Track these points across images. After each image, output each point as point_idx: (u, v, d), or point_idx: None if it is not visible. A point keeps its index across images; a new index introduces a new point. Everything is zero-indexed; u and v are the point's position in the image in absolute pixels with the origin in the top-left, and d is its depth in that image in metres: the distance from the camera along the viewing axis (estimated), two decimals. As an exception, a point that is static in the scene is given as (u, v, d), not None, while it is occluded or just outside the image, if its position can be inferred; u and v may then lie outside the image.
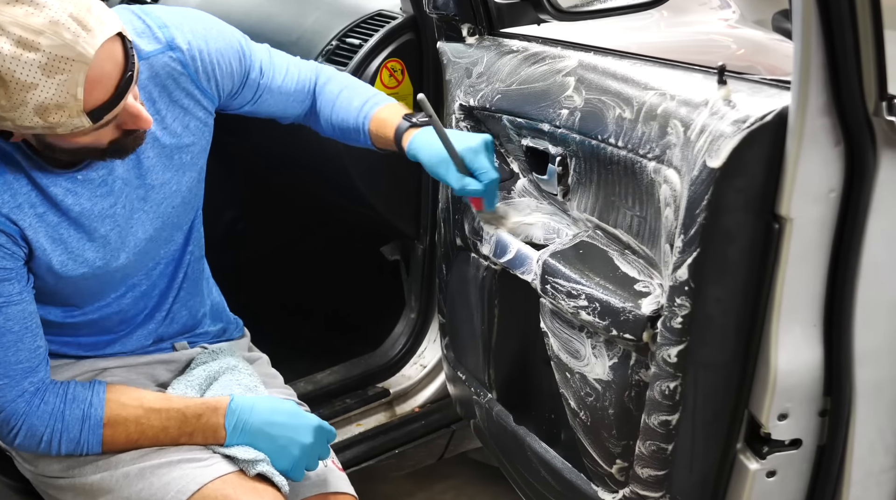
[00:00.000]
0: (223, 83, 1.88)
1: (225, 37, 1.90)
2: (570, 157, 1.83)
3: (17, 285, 1.67)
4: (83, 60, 1.46)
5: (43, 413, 1.72)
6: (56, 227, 1.70)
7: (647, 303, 1.61)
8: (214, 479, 1.75)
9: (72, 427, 1.73)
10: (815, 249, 1.47)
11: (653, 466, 1.64)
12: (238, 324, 2.14)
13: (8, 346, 1.68)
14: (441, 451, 2.69)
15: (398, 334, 2.73)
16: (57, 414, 1.73)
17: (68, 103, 1.48)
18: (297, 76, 2.05)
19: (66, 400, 1.74)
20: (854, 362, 1.51)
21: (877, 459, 1.59)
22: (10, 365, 1.69)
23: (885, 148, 1.41)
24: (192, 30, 1.83)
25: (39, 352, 1.72)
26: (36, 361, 1.72)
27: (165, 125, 1.79)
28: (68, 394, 1.74)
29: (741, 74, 1.57)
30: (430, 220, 2.56)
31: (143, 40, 1.76)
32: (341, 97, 2.06)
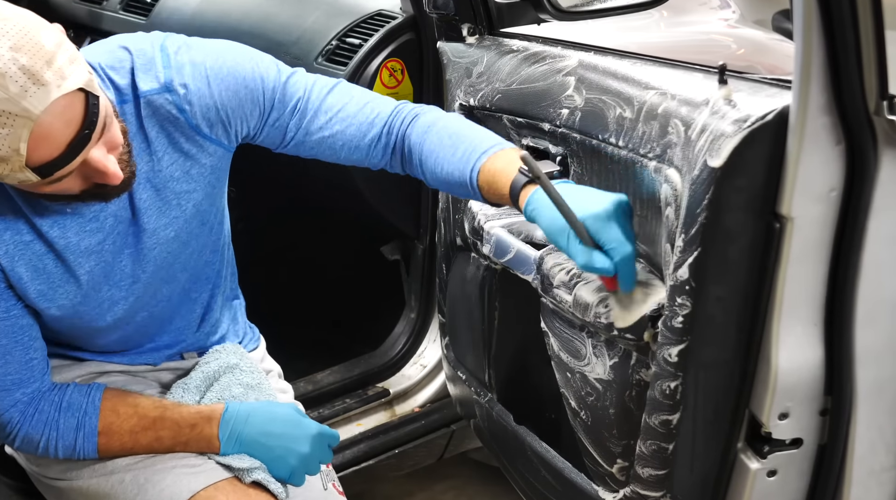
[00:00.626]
0: (235, 128, 1.74)
1: (238, 76, 1.71)
2: (570, 156, 1.83)
3: (1, 304, 1.65)
4: (27, 116, 1.38)
5: (37, 423, 1.72)
6: (41, 257, 1.64)
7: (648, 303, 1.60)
8: (207, 486, 1.74)
9: (66, 436, 1.74)
10: (815, 248, 1.47)
11: (653, 465, 1.64)
12: (254, 334, 2.10)
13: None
14: (441, 451, 2.69)
15: (398, 334, 2.73)
16: (51, 423, 1.73)
17: (11, 158, 1.40)
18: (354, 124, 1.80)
19: (61, 409, 1.73)
20: (855, 362, 1.51)
21: (878, 458, 1.59)
22: (0, 377, 1.68)
23: (885, 147, 1.41)
24: (196, 70, 1.68)
25: (32, 364, 1.71)
26: (27, 373, 1.70)
27: (161, 168, 1.69)
28: (63, 402, 1.73)
29: (742, 74, 1.57)
30: (430, 220, 2.56)
31: (144, 76, 1.66)
32: (443, 147, 1.75)
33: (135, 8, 3.16)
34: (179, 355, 1.97)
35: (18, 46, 1.37)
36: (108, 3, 3.28)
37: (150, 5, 3.10)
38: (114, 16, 3.23)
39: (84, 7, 3.36)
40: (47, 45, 1.40)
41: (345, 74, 2.43)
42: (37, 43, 1.39)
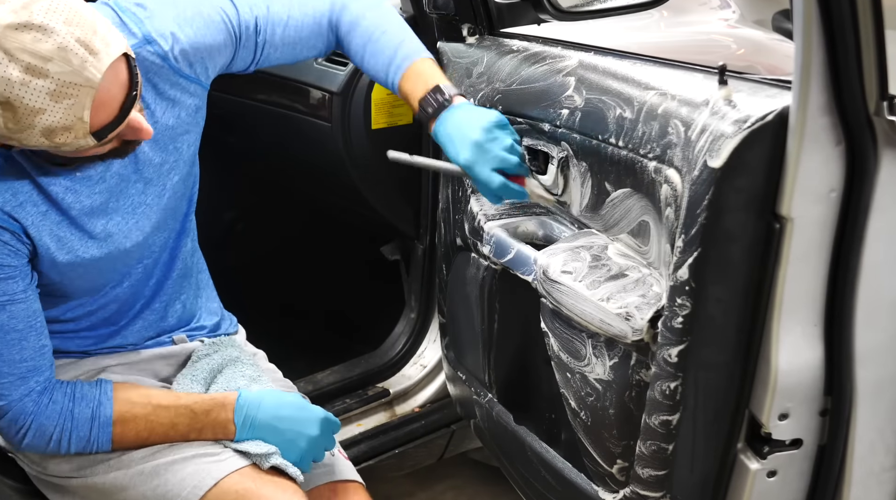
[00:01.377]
0: (212, 62, 1.82)
1: (203, 12, 1.80)
2: (570, 157, 1.83)
3: (20, 283, 1.67)
4: (90, 85, 1.47)
5: (52, 412, 1.72)
6: (58, 224, 1.69)
7: (648, 303, 1.60)
8: (231, 473, 1.76)
9: (81, 426, 1.73)
10: (815, 248, 1.47)
11: (653, 466, 1.64)
12: (232, 320, 2.14)
13: (12, 344, 1.67)
14: (441, 451, 2.69)
15: (398, 334, 2.73)
16: (66, 413, 1.73)
17: (75, 126, 1.49)
18: (302, 21, 1.92)
19: (75, 399, 1.74)
20: (855, 362, 1.51)
21: (877, 458, 1.59)
22: (16, 364, 1.69)
23: (885, 148, 1.41)
24: (165, 17, 1.75)
25: (44, 351, 1.72)
26: (41, 360, 1.71)
27: (156, 119, 1.76)
28: (76, 393, 1.74)
29: (742, 74, 1.57)
30: (430, 220, 2.56)
31: (127, 32, 1.71)
32: (368, 50, 1.92)
33: (135, 8, 3.15)
34: (171, 340, 1.98)
35: (69, 20, 1.46)
36: (108, 3, 3.27)
37: (150, 5, 3.09)
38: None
39: (84, 7, 3.36)
40: (88, 16, 1.49)
41: (345, 74, 2.43)
42: (82, 15, 1.48)
